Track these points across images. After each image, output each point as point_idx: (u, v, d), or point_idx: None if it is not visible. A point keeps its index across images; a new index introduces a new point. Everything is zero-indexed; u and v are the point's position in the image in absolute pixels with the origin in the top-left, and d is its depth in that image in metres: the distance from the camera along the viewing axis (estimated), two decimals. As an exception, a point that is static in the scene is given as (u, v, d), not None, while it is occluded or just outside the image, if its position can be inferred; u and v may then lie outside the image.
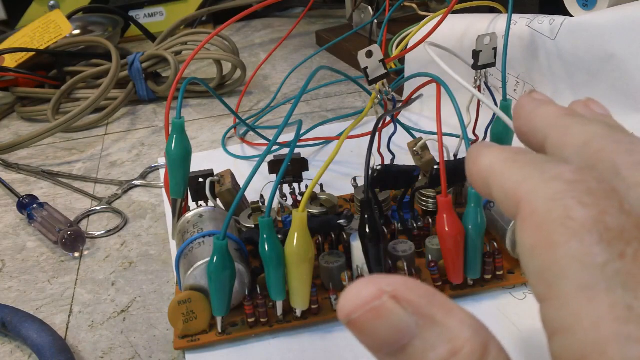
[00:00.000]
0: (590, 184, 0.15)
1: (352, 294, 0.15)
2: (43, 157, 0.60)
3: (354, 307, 0.15)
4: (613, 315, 0.13)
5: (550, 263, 0.14)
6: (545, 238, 0.14)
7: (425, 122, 0.56)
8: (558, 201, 0.15)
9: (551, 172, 0.15)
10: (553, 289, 0.14)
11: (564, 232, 0.14)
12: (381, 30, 0.62)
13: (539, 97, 0.20)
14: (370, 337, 0.15)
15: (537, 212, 0.15)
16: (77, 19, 0.84)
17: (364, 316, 0.15)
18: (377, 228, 0.33)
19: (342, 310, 0.15)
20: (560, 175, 0.15)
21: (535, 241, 0.15)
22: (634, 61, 0.44)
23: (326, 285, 0.37)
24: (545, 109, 0.19)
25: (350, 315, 0.15)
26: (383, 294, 0.15)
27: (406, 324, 0.14)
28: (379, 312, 0.14)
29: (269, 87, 0.69)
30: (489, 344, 0.15)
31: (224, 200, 0.40)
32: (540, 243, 0.15)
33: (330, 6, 0.92)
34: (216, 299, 0.33)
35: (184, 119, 0.37)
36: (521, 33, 0.48)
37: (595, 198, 0.14)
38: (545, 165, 0.16)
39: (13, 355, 0.37)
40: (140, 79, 0.67)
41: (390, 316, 0.14)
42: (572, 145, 0.17)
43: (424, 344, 0.14)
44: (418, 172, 0.39)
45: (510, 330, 0.34)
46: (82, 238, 0.45)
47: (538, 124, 0.19)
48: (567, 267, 0.14)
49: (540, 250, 0.15)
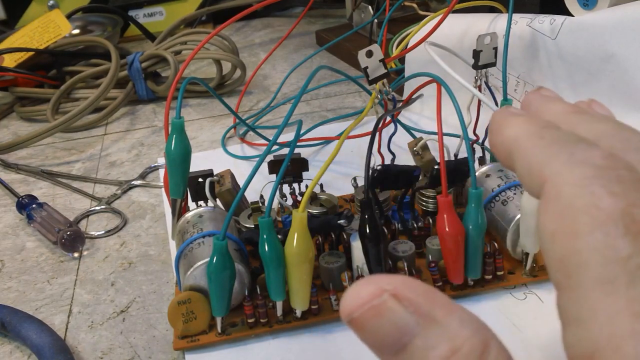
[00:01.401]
0: (620, 172, 0.14)
1: (353, 293, 0.15)
2: (42, 157, 0.60)
3: (355, 306, 0.15)
4: (631, 311, 0.13)
5: (572, 252, 0.14)
6: (569, 225, 0.14)
7: (426, 122, 0.56)
8: (585, 187, 0.14)
9: (580, 155, 0.15)
10: (572, 278, 0.14)
11: (588, 221, 0.14)
12: (381, 30, 0.62)
13: (547, 94, 0.20)
14: (372, 336, 0.15)
15: (562, 197, 0.15)
16: (76, 18, 0.84)
17: (365, 315, 0.15)
18: (377, 228, 0.33)
19: (343, 309, 0.15)
20: (589, 159, 0.15)
21: (557, 227, 0.14)
22: (634, 61, 0.44)
23: (326, 286, 0.36)
24: (553, 106, 0.19)
25: (352, 314, 0.15)
26: (383, 292, 0.15)
27: (407, 322, 0.14)
28: (379, 310, 0.15)
29: (269, 87, 0.69)
30: (489, 342, 0.14)
31: (223, 201, 0.40)
32: (562, 229, 0.14)
33: (330, 6, 0.92)
34: (216, 299, 0.33)
35: (183, 119, 0.37)
36: (522, 33, 0.48)
37: (624, 187, 0.14)
38: (574, 146, 0.15)
39: (12, 355, 0.36)
40: (140, 78, 0.67)
41: (391, 314, 0.15)
42: None
43: (424, 343, 0.14)
44: (418, 172, 0.39)
45: (511, 330, 0.34)
46: (82, 238, 0.45)
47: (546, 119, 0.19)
48: (589, 259, 0.14)
49: (562, 237, 0.14)
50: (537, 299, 0.36)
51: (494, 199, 0.37)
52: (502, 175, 0.38)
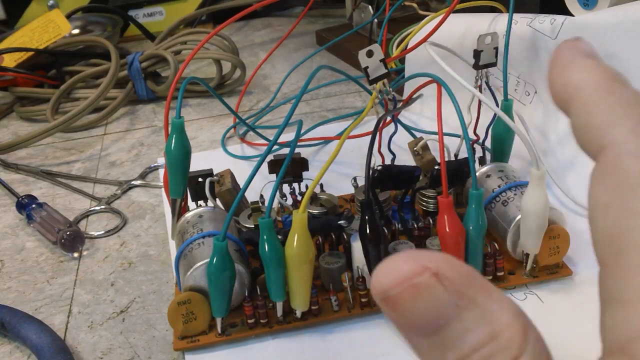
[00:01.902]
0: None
1: (391, 268, 0.14)
2: (42, 157, 0.59)
3: (392, 282, 0.13)
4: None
5: (624, 230, 0.13)
6: (625, 201, 0.13)
7: (426, 122, 0.56)
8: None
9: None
10: (620, 257, 0.13)
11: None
12: (381, 30, 0.62)
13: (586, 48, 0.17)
14: (407, 317, 0.14)
15: (621, 169, 0.14)
16: (76, 18, 0.84)
17: (403, 293, 0.13)
18: (378, 229, 0.33)
19: (377, 285, 0.14)
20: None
21: (611, 199, 0.14)
22: (635, 61, 0.44)
23: (326, 286, 0.36)
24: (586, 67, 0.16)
25: (388, 291, 0.13)
26: (425, 270, 0.13)
27: (446, 304, 0.13)
28: (419, 290, 0.13)
29: (269, 87, 0.69)
30: (528, 329, 0.14)
31: (223, 201, 0.40)
32: (617, 204, 0.13)
33: (330, 5, 0.92)
34: (216, 299, 0.33)
35: (183, 119, 0.36)
36: (522, 33, 0.48)
37: None
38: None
39: (12, 355, 0.36)
40: (140, 78, 0.67)
41: (431, 295, 0.13)
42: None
43: (462, 326, 0.13)
44: (419, 173, 0.39)
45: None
46: (81, 238, 0.45)
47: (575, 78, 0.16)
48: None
49: (616, 212, 0.13)
50: (537, 299, 0.36)
51: (495, 199, 0.37)
52: (503, 175, 0.38)
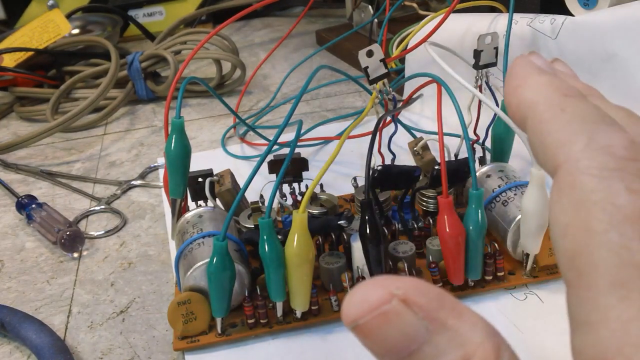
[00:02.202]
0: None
1: (359, 296, 0.14)
2: (42, 157, 0.59)
3: (361, 311, 0.14)
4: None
5: (584, 249, 0.13)
6: (582, 220, 0.13)
7: (426, 122, 0.56)
8: (603, 180, 0.13)
9: (600, 141, 0.14)
10: (583, 278, 0.13)
11: (604, 218, 0.13)
12: (381, 30, 0.62)
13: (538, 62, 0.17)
14: (378, 343, 0.14)
15: (577, 188, 0.13)
16: (76, 18, 0.84)
17: (372, 322, 0.13)
18: (378, 229, 0.33)
19: (347, 314, 0.14)
20: (610, 147, 0.13)
21: (570, 220, 0.13)
22: (635, 60, 0.44)
23: (326, 286, 0.36)
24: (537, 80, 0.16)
25: (357, 320, 0.14)
26: (392, 297, 0.14)
27: (416, 329, 0.13)
28: (388, 317, 0.13)
29: (269, 87, 0.69)
30: (500, 347, 0.14)
31: (223, 201, 0.40)
32: (575, 224, 0.13)
33: (330, 5, 0.92)
34: (216, 300, 0.33)
35: (183, 119, 0.36)
36: (522, 32, 0.48)
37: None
38: (597, 128, 0.14)
39: (12, 355, 0.36)
40: (140, 78, 0.67)
41: (400, 321, 0.13)
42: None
43: (434, 350, 0.13)
44: (419, 173, 0.39)
45: (511, 331, 0.34)
46: (81, 238, 0.45)
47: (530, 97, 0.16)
48: (602, 259, 0.13)
49: (575, 232, 0.13)
50: (537, 299, 0.36)
51: (495, 199, 0.37)
52: (503, 175, 0.38)
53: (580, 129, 0.14)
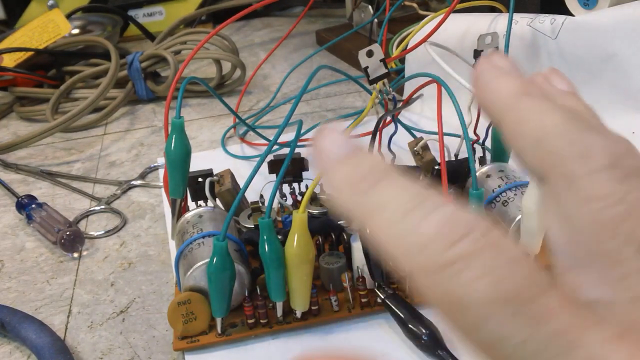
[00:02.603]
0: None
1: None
2: (42, 157, 0.59)
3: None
4: None
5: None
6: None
7: (426, 122, 0.55)
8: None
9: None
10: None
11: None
12: (381, 30, 0.62)
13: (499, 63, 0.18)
14: None
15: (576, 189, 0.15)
16: (76, 18, 0.84)
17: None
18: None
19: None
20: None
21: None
22: (635, 60, 0.44)
23: (326, 286, 0.36)
24: (502, 83, 0.17)
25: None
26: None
27: None
28: None
29: (269, 87, 0.69)
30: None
31: (223, 200, 0.40)
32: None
33: (330, 5, 0.92)
34: (216, 300, 0.33)
35: (183, 119, 0.36)
36: (522, 32, 0.48)
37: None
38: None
39: (12, 355, 0.36)
40: (140, 78, 0.67)
41: None
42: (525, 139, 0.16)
43: None
44: (419, 173, 0.39)
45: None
46: (81, 238, 0.45)
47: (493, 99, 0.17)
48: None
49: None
50: (537, 299, 0.36)
51: (495, 199, 0.37)
52: (503, 175, 0.38)
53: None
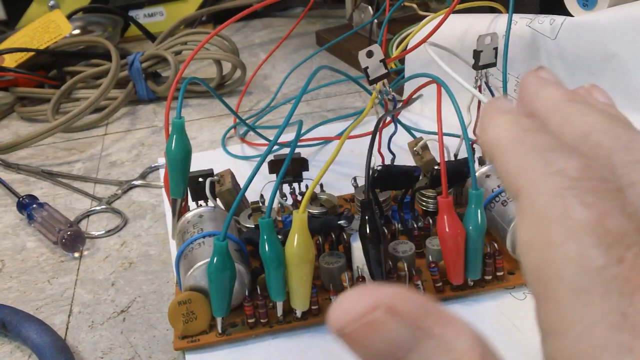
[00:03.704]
0: (594, 183, 0.14)
1: (344, 306, 0.14)
2: (43, 157, 0.60)
3: (347, 320, 0.14)
4: (607, 322, 0.13)
5: (547, 262, 0.14)
6: (543, 236, 0.14)
7: (426, 122, 0.56)
8: (559, 198, 0.14)
9: (555, 165, 0.15)
10: (548, 289, 0.14)
11: (562, 231, 0.14)
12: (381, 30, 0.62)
13: (545, 76, 0.19)
14: (364, 351, 0.14)
15: (536, 208, 0.14)
16: (76, 18, 0.84)
17: (358, 330, 0.14)
18: (378, 229, 0.33)
19: (334, 322, 0.14)
20: (564, 170, 0.15)
21: (532, 237, 0.14)
22: (634, 61, 0.44)
23: (326, 286, 0.36)
24: (548, 91, 0.18)
25: (344, 329, 0.14)
26: (378, 307, 0.14)
27: (402, 337, 0.14)
28: (373, 326, 0.14)
29: (269, 87, 0.69)
30: (486, 355, 0.14)
31: (223, 200, 0.40)
32: (537, 240, 0.14)
33: (330, 6, 0.92)
34: (216, 299, 0.33)
35: (183, 119, 0.37)
36: (522, 33, 0.48)
37: (597, 198, 0.14)
38: (551, 154, 0.15)
39: (13, 355, 0.37)
40: (140, 78, 0.67)
41: (386, 329, 0.14)
42: (570, 135, 0.17)
43: (420, 357, 0.14)
44: (419, 173, 0.39)
45: (511, 330, 0.34)
46: (82, 238, 0.45)
47: (540, 106, 0.18)
48: (563, 269, 0.13)
49: (537, 247, 0.14)
50: (537, 299, 0.36)
51: (494, 199, 0.37)
52: (502, 175, 0.38)
53: (537, 157, 0.15)
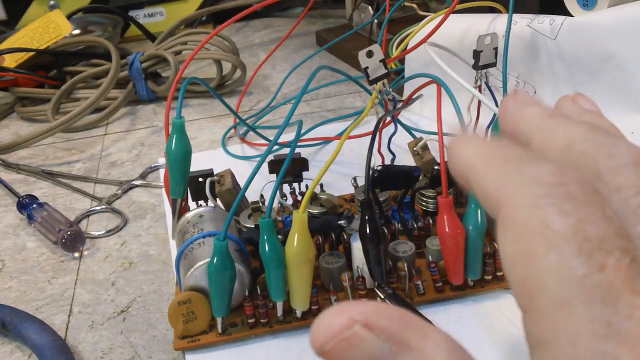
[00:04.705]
0: (571, 188, 0.14)
1: (323, 324, 0.14)
2: (43, 157, 0.60)
3: (325, 338, 0.14)
4: (591, 332, 0.13)
5: (530, 275, 0.14)
6: (525, 248, 0.14)
7: (426, 122, 0.56)
8: (537, 209, 0.14)
9: (530, 173, 0.15)
10: (533, 301, 0.14)
11: (543, 243, 0.14)
12: (381, 30, 0.62)
13: (523, 99, 0.20)
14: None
15: (516, 220, 0.14)
16: (77, 19, 0.84)
17: (337, 347, 0.14)
18: (378, 229, 0.33)
19: (313, 341, 0.14)
20: (539, 177, 0.15)
21: (515, 251, 0.14)
22: (634, 61, 0.44)
23: (326, 286, 0.36)
24: (528, 111, 0.19)
25: (323, 346, 0.14)
26: (354, 323, 0.14)
27: (380, 351, 0.14)
28: (351, 341, 0.14)
29: (269, 87, 0.69)
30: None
31: (223, 200, 0.40)
32: (520, 253, 0.14)
33: (330, 6, 0.92)
34: (216, 299, 0.33)
35: (184, 119, 0.37)
36: (521, 33, 0.48)
37: (575, 204, 0.14)
38: (525, 164, 0.15)
39: (13, 355, 0.37)
40: (140, 78, 0.67)
41: (363, 345, 0.14)
42: (554, 148, 0.17)
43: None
44: (418, 173, 0.39)
45: (510, 330, 0.34)
46: (82, 238, 0.45)
47: (522, 126, 0.18)
48: (547, 281, 0.14)
49: (521, 260, 0.14)
50: (536, 299, 0.36)
51: (494, 199, 0.37)
52: (502, 175, 0.38)
53: (510, 168, 0.15)
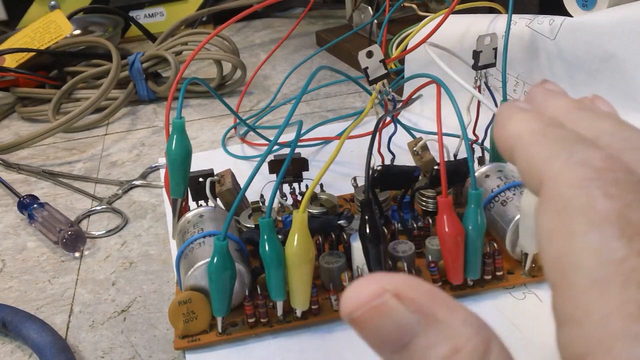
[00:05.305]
0: (618, 174, 0.14)
1: (354, 292, 0.15)
2: (43, 157, 0.60)
3: (355, 305, 0.15)
4: (624, 313, 0.13)
5: (567, 252, 0.14)
6: (565, 225, 0.14)
7: (425, 122, 0.56)
8: (582, 189, 0.14)
9: (579, 156, 0.15)
10: (567, 278, 0.14)
11: (584, 221, 0.14)
12: (381, 31, 0.63)
13: (551, 87, 0.20)
14: (372, 335, 0.15)
15: (559, 197, 0.15)
16: (77, 19, 0.84)
17: (366, 314, 0.14)
18: (377, 228, 0.33)
19: (344, 308, 0.15)
20: (588, 160, 0.15)
21: (554, 226, 0.15)
22: (633, 61, 0.44)
23: (326, 286, 0.37)
24: (556, 101, 0.19)
25: (352, 313, 0.15)
26: (385, 292, 0.14)
27: (408, 322, 0.14)
28: (380, 310, 0.14)
29: (269, 87, 0.69)
30: (490, 342, 0.14)
31: (224, 200, 0.40)
32: (558, 229, 0.14)
33: (330, 6, 0.92)
34: (216, 299, 0.33)
35: (184, 119, 0.37)
36: (521, 33, 0.48)
37: (621, 190, 0.14)
38: (575, 146, 0.16)
39: (13, 355, 0.37)
40: (141, 79, 0.67)
41: (392, 314, 0.14)
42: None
43: (426, 342, 0.14)
44: (418, 173, 0.39)
45: (510, 330, 0.34)
46: (83, 238, 0.45)
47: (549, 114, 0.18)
48: (584, 259, 0.14)
49: (558, 236, 0.14)
50: (536, 298, 0.36)
51: (494, 199, 0.37)
52: (502, 175, 0.39)
53: (560, 148, 0.16)
